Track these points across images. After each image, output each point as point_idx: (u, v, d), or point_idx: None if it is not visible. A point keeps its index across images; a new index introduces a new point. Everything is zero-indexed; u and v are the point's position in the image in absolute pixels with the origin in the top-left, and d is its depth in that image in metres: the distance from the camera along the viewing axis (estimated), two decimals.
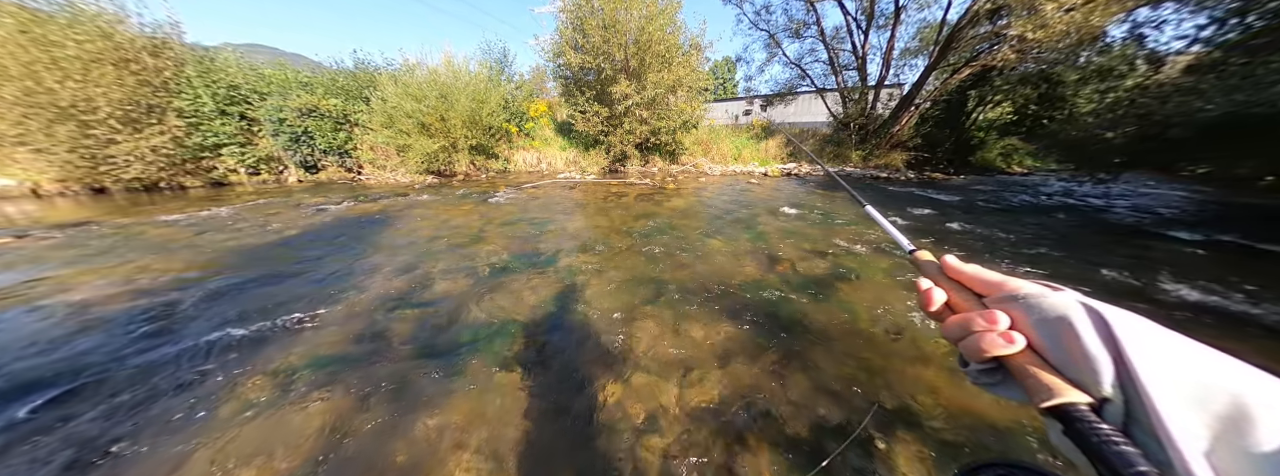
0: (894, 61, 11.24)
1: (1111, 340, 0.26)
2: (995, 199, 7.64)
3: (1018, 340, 0.30)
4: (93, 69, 6.72)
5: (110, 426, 1.60)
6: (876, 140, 11.33)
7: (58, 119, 6.61)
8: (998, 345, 0.31)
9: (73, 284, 3.05)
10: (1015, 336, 0.30)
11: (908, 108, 11.17)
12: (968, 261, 0.38)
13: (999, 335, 0.31)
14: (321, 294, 2.83)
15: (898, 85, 12.37)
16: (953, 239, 4.57)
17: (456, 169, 9.51)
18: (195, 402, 1.73)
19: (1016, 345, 0.30)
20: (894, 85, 12.14)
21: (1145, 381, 0.24)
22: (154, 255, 3.75)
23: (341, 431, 1.57)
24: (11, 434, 1.56)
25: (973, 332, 0.32)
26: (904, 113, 11.24)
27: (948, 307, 0.37)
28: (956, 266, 0.38)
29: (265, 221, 5.12)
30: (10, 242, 4.26)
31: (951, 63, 10.81)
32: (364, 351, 2.11)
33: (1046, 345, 0.29)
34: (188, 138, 7.54)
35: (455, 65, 9.18)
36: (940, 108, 11.33)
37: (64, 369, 1.97)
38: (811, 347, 2.14)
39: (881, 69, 10.98)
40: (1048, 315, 0.29)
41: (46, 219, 5.47)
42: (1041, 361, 0.30)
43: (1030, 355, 0.30)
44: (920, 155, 11.26)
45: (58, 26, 6.51)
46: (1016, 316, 0.31)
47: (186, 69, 7.56)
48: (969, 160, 11.53)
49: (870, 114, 11.21)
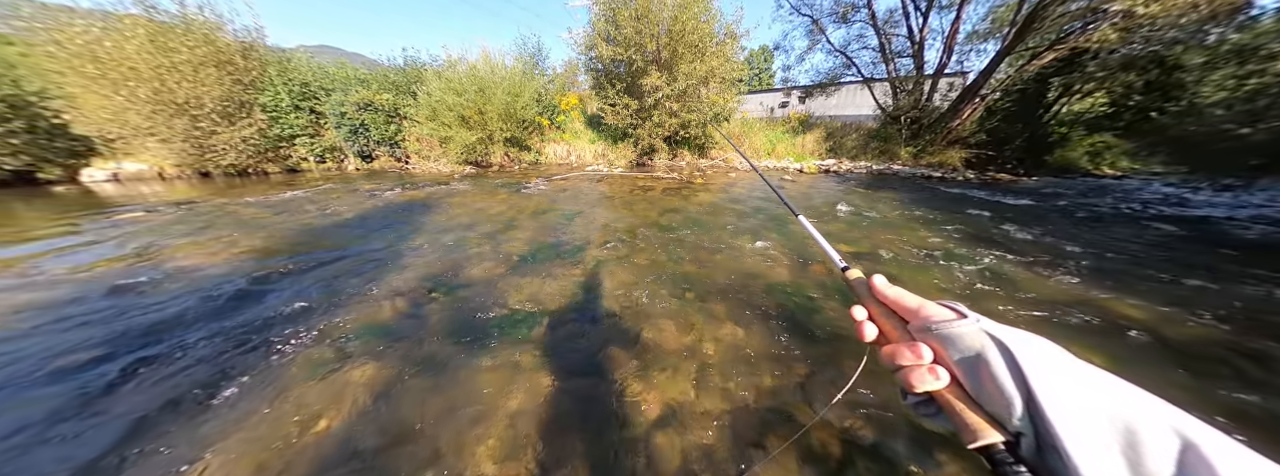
0: (958, 47, 10.02)
1: (1019, 373, 0.28)
2: (1076, 205, 6.59)
3: (942, 375, 0.32)
4: (200, 70, 8.01)
5: (212, 369, 1.95)
6: (930, 135, 10.29)
7: (176, 113, 7.99)
8: (925, 380, 0.32)
9: (183, 253, 3.73)
10: (939, 371, 0.32)
11: (971, 99, 9.97)
12: (1020, 279, 0.42)
13: (926, 370, 0.32)
14: (373, 272, 3.17)
15: (960, 74, 11.03)
16: (1018, 250, 3.91)
17: (492, 160, 10.12)
18: (273, 356, 2.06)
19: (941, 380, 0.32)
20: (955, 74, 10.84)
21: (1050, 413, 0.26)
22: (241, 231, 4.42)
23: (384, 395, 1.77)
24: (142, 367, 1.98)
25: (902, 366, 0.33)
26: (966, 105, 10.06)
27: (881, 335, 0.38)
28: (881, 289, 0.38)
29: (329, 205, 5.86)
30: (143, 216, 5.34)
31: (1030, 46, 9.45)
32: (406, 326, 2.33)
33: (967, 379, 0.31)
34: (269, 129, 8.76)
35: (492, 60, 9.67)
36: (1012, 99, 9.99)
37: (174, 322, 2.43)
38: (846, 362, 2.01)
39: (941, 55, 9.86)
40: (965, 351, 0.30)
41: (167, 197, 6.73)
42: (964, 395, 0.31)
43: (954, 388, 0.31)
44: (983, 153, 10.06)
45: (175, 35, 7.81)
46: (937, 349, 0.32)
47: (269, 69, 8.73)
48: (1044, 159, 10.11)
49: (925, 106, 10.16)
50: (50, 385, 1.86)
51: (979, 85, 9.71)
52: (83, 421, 1.65)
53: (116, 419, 1.66)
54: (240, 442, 1.53)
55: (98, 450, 1.50)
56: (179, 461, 1.45)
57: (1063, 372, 0.27)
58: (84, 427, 1.61)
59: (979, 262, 3.55)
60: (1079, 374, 0.27)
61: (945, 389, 0.32)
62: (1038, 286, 3.03)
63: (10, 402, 1.75)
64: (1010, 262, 3.57)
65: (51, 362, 2.02)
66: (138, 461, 1.46)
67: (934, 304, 0.35)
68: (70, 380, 1.89)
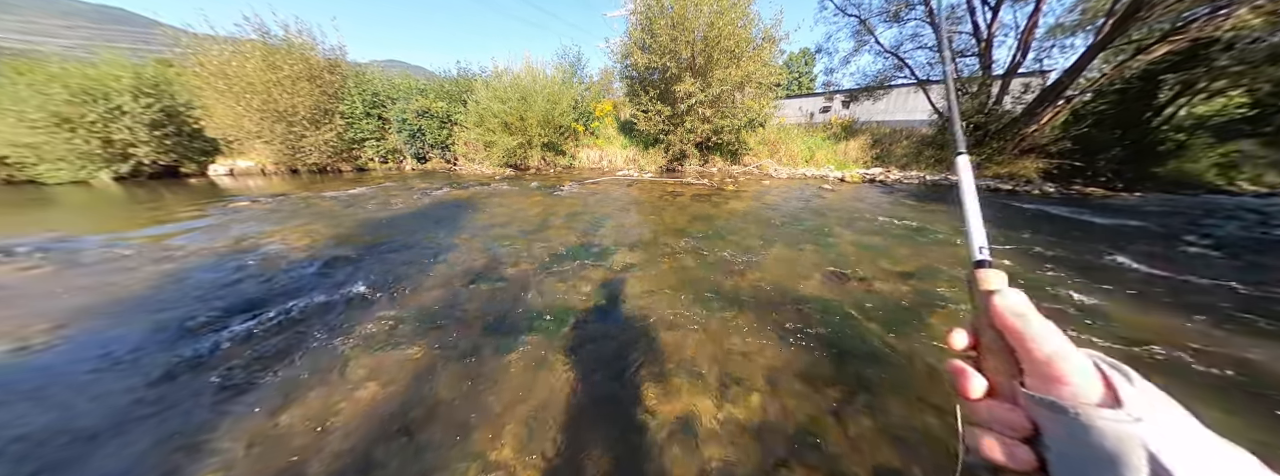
0: (1036, 42, 8.77)
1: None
2: (1203, 227, 5.28)
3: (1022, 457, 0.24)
4: (297, 84, 9.55)
5: (291, 337, 2.30)
6: (999, 142, 9.06)
7: (277, 120, 9.58)
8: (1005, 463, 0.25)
9: (277, 237, 4.43)
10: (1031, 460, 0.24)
11: (1053, 101, 8.65)
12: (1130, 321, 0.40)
13: (1015, 451, 0.25)
14: (423, 263, 3.50)
15: (1037, 73, 9.57)
16: (1124, 281, 3.16)
17: (530, 163, 10.77)
18: (337, 330, 2.38)
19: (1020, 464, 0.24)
20: (1031, 73, 9.44)
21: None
22: (321, 221, 5.15)
23: (425, 372, 1.95)
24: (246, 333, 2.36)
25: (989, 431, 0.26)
26: (1046, 107, 8.74)
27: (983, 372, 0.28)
28: (1001, 308, 0.26)
29: (389, 200, 6.67)
30: (248, 205, 6.49)
31: (1134, 39, 8.01)
32: (448, 313, 2.54)
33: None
34: (345, 133, 10.15)
35: (533, 70, 10.35)
36: (1108, 100, 8.52)
37: (267, 295, 2.88)
38: (882, 386, 1.85)
39: (1015, 53, 8.67)
40: (1095, 451, 0.21)
41: (266, 190, 8.08)
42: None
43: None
44: (1067, 163, 8.65)
45: (281, 55, 9.41)
46: (1049, 428, 0.24)
47: (348, 82, 10.15)
48: (1152, 171, 8.44)
49: (992, 110, 8.99)
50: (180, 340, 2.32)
51: (1063, 85, 8.40)
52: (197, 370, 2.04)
53: (215, 368, 2.03)
54: (304, 395, 1.82)
55: (208, 388, 1.91)
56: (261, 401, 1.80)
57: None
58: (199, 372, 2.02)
59: (1069, 296, 2.87)
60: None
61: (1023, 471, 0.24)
62: (1156, 330, 2.38)
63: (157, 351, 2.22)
64: (1115, 297, 2.87)
65: (181, 320, 2.53)
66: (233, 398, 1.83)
67: (1080, 357, 0.23)
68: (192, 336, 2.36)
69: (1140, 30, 7.88)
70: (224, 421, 1.68)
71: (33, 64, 8.75)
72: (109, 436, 1.61)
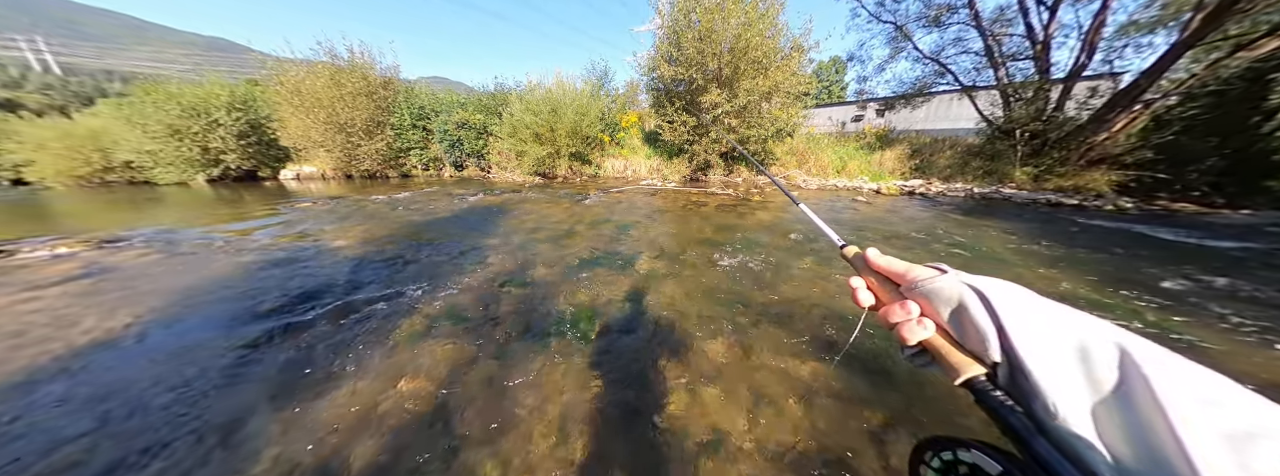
0: (1104, 43, 7.83)
1: (993, 313, 0.32)
2: None
3: (929, 325, 0.36)
4: (357, 99, 10.66)
5: (340, 331, 2.44)
6: (1061, 152, 8.10)
7: (338, 131, 10.71)
8: (915, 332, 0.36)
9: (332, 235, 4.94)
10: (927, 322, 0.36)
11: (1127, 106, 7.65)
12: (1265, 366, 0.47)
13: (915, 323, 0.36)
14: (458, 263, 3.73)
15: (1107, 75, 8.49)
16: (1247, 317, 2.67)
17: (558, 172, 11.14)
18: (382, 324, 2.54)
19: (928, 330, 0.36)
20: (1100, 76, 8.39)
21: (1017, 342, 0.30)
22: (372, 223, 5.65)
23: (459, 372, 2.02)
24: (310, 322, 2.58)
25: (895, 322, 0.37)
26: (1119, 114, 7.74)
27: (878, 301, 0.41)
28: (874, 260, 0.42)
29: (430, 205, 7.18)
30: (310, 206, 7.32)
31: (1231, 35, 6.97)
32: (480, 313, 2.64)
33: (950, 325, 0.35)
34: (394, 143, 11.11)
35: (563, 84, 10.83)
36: (1200, 104, 7.39)
37: (321, 289, 3.11)
38: (928, 414, 1.73)
39: (1079, 55, 7.78)
40: (948, 302, 0.35)
41: (325, 193, 9.03)
42: (949, 339, 0.35)
43: (941, 335, 0.35)
44: (1147, 175, 7.55)
45: (345, 73, 10.59)
46: (923, 303, 0.37)
47: (399, 96, 11.17)
48: (1264, 185, 7.14)
49: (1052, 117, 8.07)
50: (251, 322, 2.63)
51: (1140, 88, 7.41)
52: (262, 350, 2.29)
53: (284, 349, 2.27)
54: (352, 383, 1.96)
55: (272, 367, 2.12)
56: (318, 384, 1.97)
57: (1028, 308, 0.32)
58: (263, 355, 2.25)
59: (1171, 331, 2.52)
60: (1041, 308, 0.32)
61: (933, 337, 0.35)
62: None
63: (230, 332, 2.52)
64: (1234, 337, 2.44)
65: (255, 306, 2.88)
66: (299, 378, 2.01)
67: (920, 266, 0.38)
68: (260, 320, 2.66)
69: (1239, 24, 6.85)
70: (279, 393, 1.89)
71: (155, 86, 10.51)
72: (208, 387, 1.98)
